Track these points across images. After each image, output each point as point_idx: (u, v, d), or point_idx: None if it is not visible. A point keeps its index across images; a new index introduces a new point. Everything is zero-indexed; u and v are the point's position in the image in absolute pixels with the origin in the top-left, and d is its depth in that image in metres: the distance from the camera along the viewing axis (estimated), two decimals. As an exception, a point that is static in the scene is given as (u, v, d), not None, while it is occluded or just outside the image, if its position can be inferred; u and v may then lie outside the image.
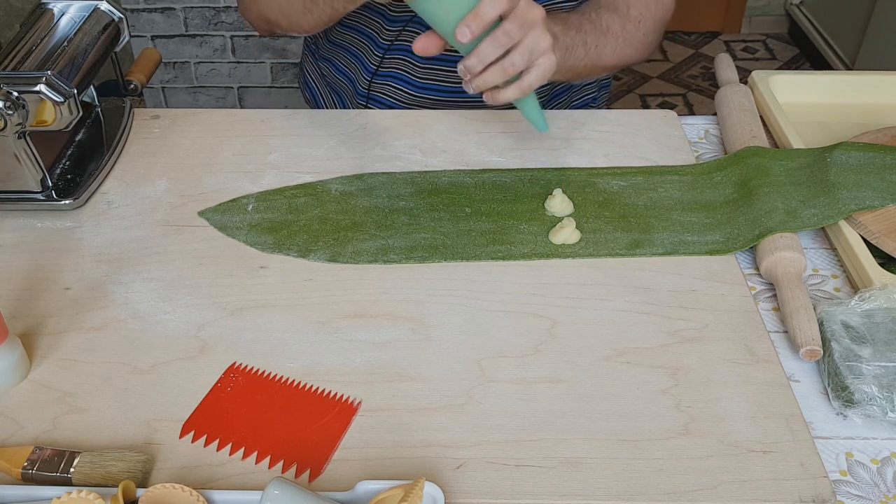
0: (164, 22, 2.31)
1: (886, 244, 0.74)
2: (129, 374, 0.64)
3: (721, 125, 0.92)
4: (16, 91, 0.73)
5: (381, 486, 0.53)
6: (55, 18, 0.84)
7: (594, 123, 0.93)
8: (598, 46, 0.88)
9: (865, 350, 0.63)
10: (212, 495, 0.53)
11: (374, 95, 1.01)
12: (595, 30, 0.88)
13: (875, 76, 0.99)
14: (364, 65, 1.00)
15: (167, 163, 0.87)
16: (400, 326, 0.68)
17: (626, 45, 0.91)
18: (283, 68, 2.41)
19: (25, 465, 0.56)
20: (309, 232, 0.78)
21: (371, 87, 1.01)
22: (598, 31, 0.88)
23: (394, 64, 0.99)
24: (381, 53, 0.98)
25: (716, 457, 0.58)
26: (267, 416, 0.61)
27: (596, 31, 0.88)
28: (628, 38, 0.91)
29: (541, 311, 0.70)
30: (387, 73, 0.99)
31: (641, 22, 0.92)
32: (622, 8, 0.91)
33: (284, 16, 0.87)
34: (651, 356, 0.66)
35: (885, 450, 0.60)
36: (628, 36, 0.91)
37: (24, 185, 0.79)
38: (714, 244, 0.76)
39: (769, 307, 0.72)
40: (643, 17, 0.92)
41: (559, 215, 0.80)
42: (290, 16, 0.86)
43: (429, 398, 0.63)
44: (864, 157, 0.81)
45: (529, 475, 0.57)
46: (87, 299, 0.71)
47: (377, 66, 0.99)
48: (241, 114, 0.95)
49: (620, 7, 0.91)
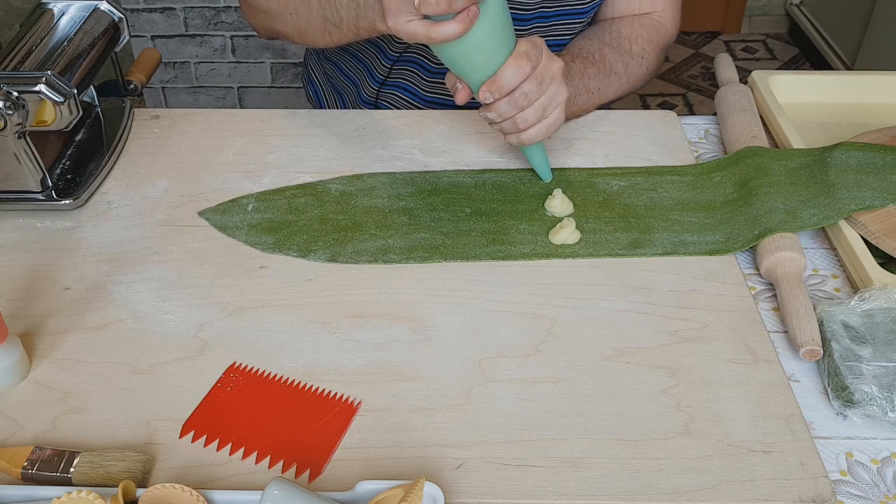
0: (164, 22, 2.31)
1: (886, 244, 0.74)
2: (129, 374, 0.64)
3: (721, 125, 0.92)
4: (16, 91, 0.73)
5: (381, 486, 0.53)
6: (55, 18, 0.84)
7: (594, 123, 0.93)
8: (602, 89, 0.89)
9: (865, 350, 0.63)
10: (212, 495, 0.53)
11: (381, 104, 1.02)
12: (598, 73, 0.88)
13: (875, 76, 0.99)
14: (372, 74, 1.00)
15: (167, 163, 0.87)
16: (400, 326, 0.68)
17: (629, 82, 0.93)
18: (283, 68, 2.41)
19: (25, 465, 0.56)
20: (309, 232, 0.78)
21: (379, 95, 1.01)
22: (602, 73, 0.89)
23: (401, 75, 0.98)
24: (388, 64, 0.98)
25: (716, 457, 0.58)
26: (267, 416, 0.61)
27: (599, 73, 0.89)
28: (631, 75, 0.92)
29: (541, 311, 0.70)
30: (394, 84, 0.99)
31: (644, 57, 0.93)
32: (625, 45, 0.92)
33: (300, 34, 0.85)
34: (651, 356, 0.66)
35: (885, 450, 0.60)
36: (631, 73, 0.92)
37: (24, 185, 0.79)
38: (714, 244, 0.76)
39: (769, 307, 0.72)
40: (645, 51, 0.93)
41: (559, 215, 0.80)
42: (306, 35, 0.84)
43: (429, 398, 0.63)
44: (864, 157, 0.81)
45: (529, 475, 0.57)
46: (87, 299, 0.71)
47: (385, 77, 0.99)
48: (241, 114, 0.95)
49: (623, 45, 0.92)
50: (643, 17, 0.95)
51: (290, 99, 2.45)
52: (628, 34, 0.93)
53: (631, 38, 0.92)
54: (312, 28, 0.82)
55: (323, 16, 0.79)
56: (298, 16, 0.83)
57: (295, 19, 0.84)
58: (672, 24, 0.97)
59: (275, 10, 0.86)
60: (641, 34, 0.93)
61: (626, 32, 0.93)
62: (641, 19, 0.95)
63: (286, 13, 0.84)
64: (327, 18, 0.79)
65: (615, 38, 0.92)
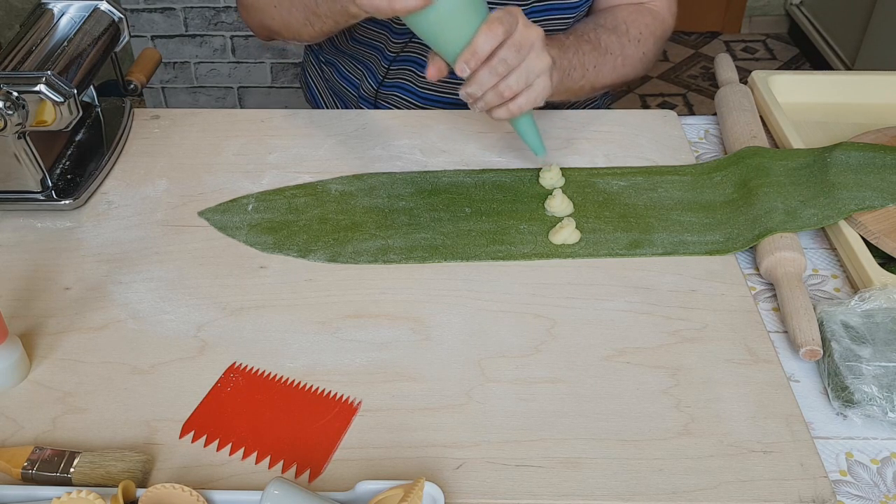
0: (164, 22, 2.31)
1: (886, 244, 0.74)
2: (129, 374, 0.64)
3: (721, 125, 0.92)
4: (16, 91, 0.73)
5: (381, 486, 0.53)
6: (55, 18, 0.84)
7: (594, 123, 0.93)
8: (597, 67, 0.88)
9: (865, 350, 0.63)
10: (212, 495, 0.53)
11: (380, 105, 1.02)
12: (593, 51, 0.87)
13: (875, 76, 0.99)
14: (372, 74, 1.00)
15: (167, 163, 0.87)
16: (400, 326, 0.68)
17: (625, 65, 0.91)
18: (283, 68, 2.41)
19: (25, 465, 0.56)
20: (309, 232, 0.78)
21: (378, 95, 1.01)
22: (597, 51, 0.88)
23: (399, 74, 0.99)
24: (387, 64, 0.98)
25: (716, 457, 0.58)
26: (267, 416, 0.61)
27: (594, 51, 0.87)
28: (627, 57, 0.91)
29: (541, 311, 0.70)
30: (392, 84, 1.00)
31: (641, 41, 0.92)
32: (621, 28, 0.91)
33: (286, 27, 0.87)
34: (651, 356, 0.66)
35: (884, 450, 0.60)
36: (627, 55, 0.91)
37: (24, 185, 0.79)
38: (714, 244, 0.76)
39: (769, 307, 0.72)
40: (643, 35, 0.92)
41: (559, 215, 0.80)
42: (290, 27, 0.87)
43: (429, 398, 0.63)
44: (864, 157, 0.81)
45: (529, 475, 0.57)
46: (87, 299, 0.71)
47: (384, 77, 0.99)
48: (241, 114, 0.95)
49: (619, 27, 0.91)
50: (639, 6, 0.95)
51: (290, 99, 2.45)
52: (625, 18, 0.92)
53: (628, 22, 0.92)
54: (295, 18, 0.84)
55: (303, 3, 0.82)
56: (282, 6, 0.85)
57: (279, 11, 0.86)
58: (669, 15, 0.97)
59: (260, 4, 0.88)
60: (638, 19, 0.93)
61: (623, 16, 0.92)
62: (638, 7, 0.94)
63: (270, 5, 0.87)
64: (307, 6, 0.81)
65: (611, 21, 0.92)
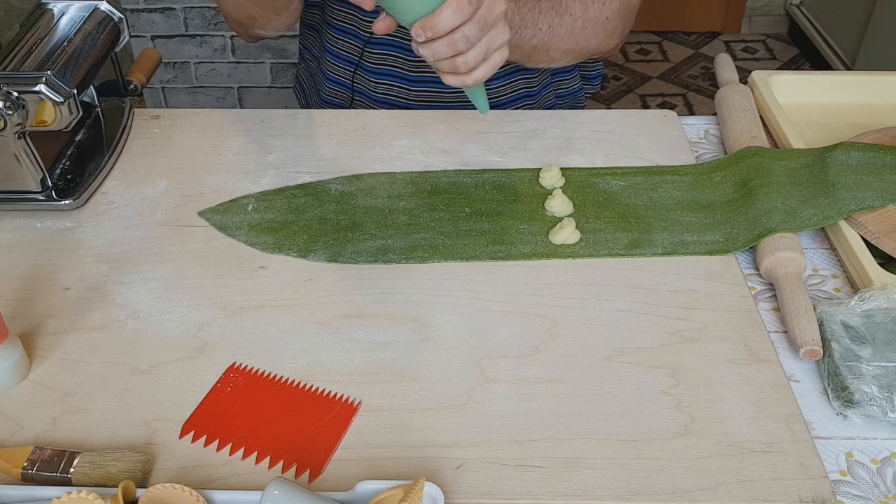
0: (164, 22, 2.31)
1: (886, 244, 0.74)
2: (129, 374, 0.64)
3: (721, 125, 0.92)
4: (16, 91, 0.73)
5: (381, 486, 0.53)
6: (55, 18, 0.84)
7: (594, 123, 0.93)
8: (552, 28, 0.85)
9: (865, 350, 0.63)
10: (212, 495, 0.53)
11: (371, 95, 1.01)
12: (551, 9, 0.85)
13: (875, 76, 0.98)
14: (348, 59, 1.00)
15: (167, 163, 0.87)
16: (400, 326, 0.68)
17: (586, 29, 0.89)
18: (283, 68, 2.41)
19: (25, 465, 0.56)
20: (309, 232, 0.78)
21: (355, 78, 1.01)
22: (555, 10, 0.85)
23: (383, 60, 0.98)
24: (360, 45, 0.98)
25: (716, 457, 0.58)
26: (267, 416, 0.61)
27: (552, 10, 0.85)
28: (590, 20, 0.88)
29: (541, 311, 0.70)
30: (378, 70, 0.99)
31: (606, 4, 0.89)
32: None
33: (250, 18, 0.89)
34: (651, 356, 0.66)
35: (884, 450, 0.60)
36: (590, 18, 0.88)
37: (24, 185, 0.79)
38: (714, 244, 0.76)
39: (769, 307, 0.72)
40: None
41: (559, 215, 0.80)
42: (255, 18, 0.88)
43: (429, 398, 0.63)
44: (864, 157, 0.81)
45: (529, 475, 0.57)
46: (87, 299, 0.71)
47: (359, 58, 0.99)
48: (241, 114, 0.95)
49: None
50: None
51: (290, 99, 2.44)
52: None
53: None
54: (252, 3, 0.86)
55: None
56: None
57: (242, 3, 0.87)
58: None
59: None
60: None
61: None
62: None
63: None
64: None
65: None
